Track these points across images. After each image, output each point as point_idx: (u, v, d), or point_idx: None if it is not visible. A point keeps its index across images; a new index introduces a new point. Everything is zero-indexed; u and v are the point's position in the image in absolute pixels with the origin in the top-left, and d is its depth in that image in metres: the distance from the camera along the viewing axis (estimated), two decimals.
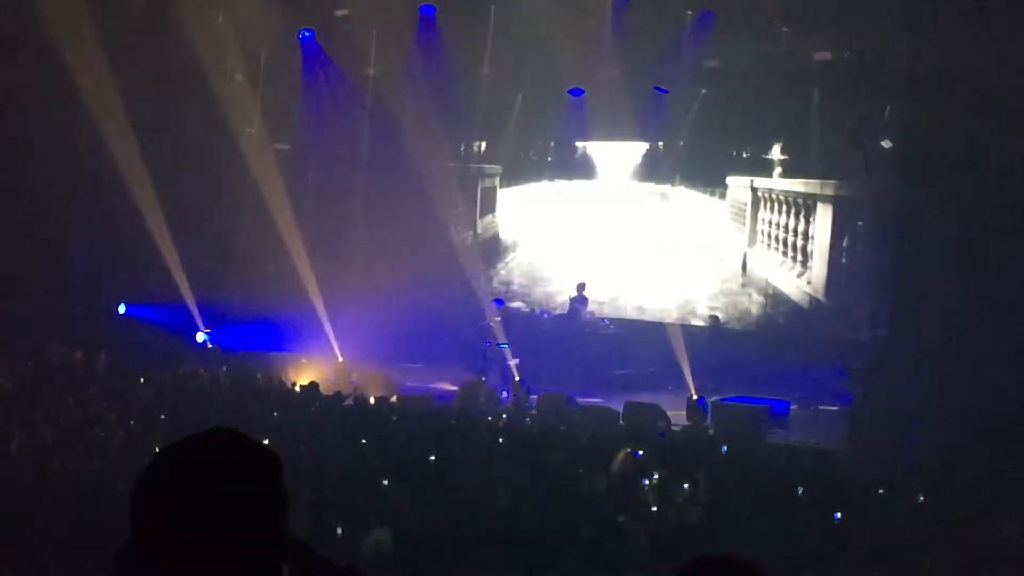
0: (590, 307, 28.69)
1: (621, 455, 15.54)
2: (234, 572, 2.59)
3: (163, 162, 27.87)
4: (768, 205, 28.68)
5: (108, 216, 28.20)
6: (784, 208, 28.29)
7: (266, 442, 2.82)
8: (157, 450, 2.73)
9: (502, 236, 32.16)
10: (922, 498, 14.64)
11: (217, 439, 2.73)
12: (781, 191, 28.42)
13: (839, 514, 13.13)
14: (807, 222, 27.90)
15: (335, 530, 11.19)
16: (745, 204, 29.06)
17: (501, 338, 27.01)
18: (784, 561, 11.33)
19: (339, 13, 30.46)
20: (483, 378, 24.89)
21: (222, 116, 29.34)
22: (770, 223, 28.59)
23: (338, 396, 21.37)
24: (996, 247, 19.25)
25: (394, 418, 19.21)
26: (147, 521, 2.62)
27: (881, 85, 23.69)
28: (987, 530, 12.93)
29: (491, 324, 27.11)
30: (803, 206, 28.03)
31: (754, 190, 28.95)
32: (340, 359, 27.44)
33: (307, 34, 31.03)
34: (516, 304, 29.08)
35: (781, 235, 28.28)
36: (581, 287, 28.60)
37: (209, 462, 2.66)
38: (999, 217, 19.25)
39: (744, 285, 29.09)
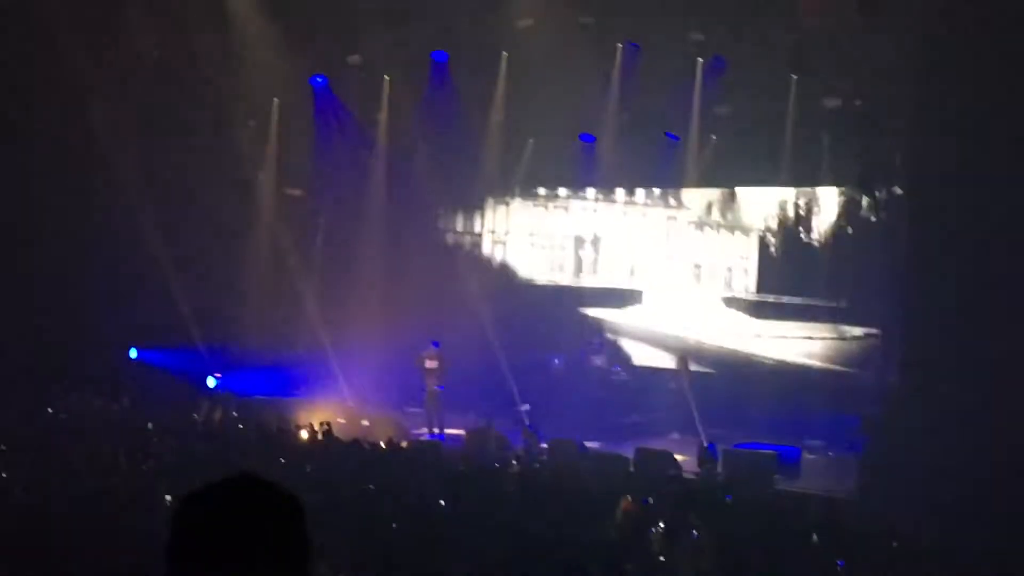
0: (602, 353, 28.59)
1: (624, 503, 15.52)
2: None
3: (175, 207, 28.00)
4: (778, 251, 28.66)
5: (119, 262, 28.28)
6: (796, 254, 28.26)
7: None
8: (184, 495, 2.79)
9: (514, 279, 32.09)
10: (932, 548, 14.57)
11: (242, 484, 2.80)
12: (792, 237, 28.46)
13: (843, 562, 13.08)
14: (817, 266, 27.83)
15: None
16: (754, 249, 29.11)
17: (438, 381, 26.99)
18: None
19: (351, 60, 30.58)
20: (492, 423, 24.80)
21: (234, 162, 29.49)
22: (781, 268, 28.55)
23: (355, 443, 21.36)
24: (1011, 290, 19.20)
25: (395, 466, 19.20)
26: (176, 563, 2.69)
27: (891, 132, 23.72)
28: None
29: (427, 367, 27.09)
30: (815, 251, 27.99)
31: (762, 238, 29.03)
32: (350, 404, 27.43)
33: (319, 80, 31.20)
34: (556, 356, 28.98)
35: (790, 280, 28.23)
36: (595, 331, 28.58)
37: (236, 507, 2.74)
38: (1014, 261, 19.20)
39: (754, 330, 28.99)
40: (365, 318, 29.74)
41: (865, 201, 24.18)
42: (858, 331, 27.39)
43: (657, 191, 30.51)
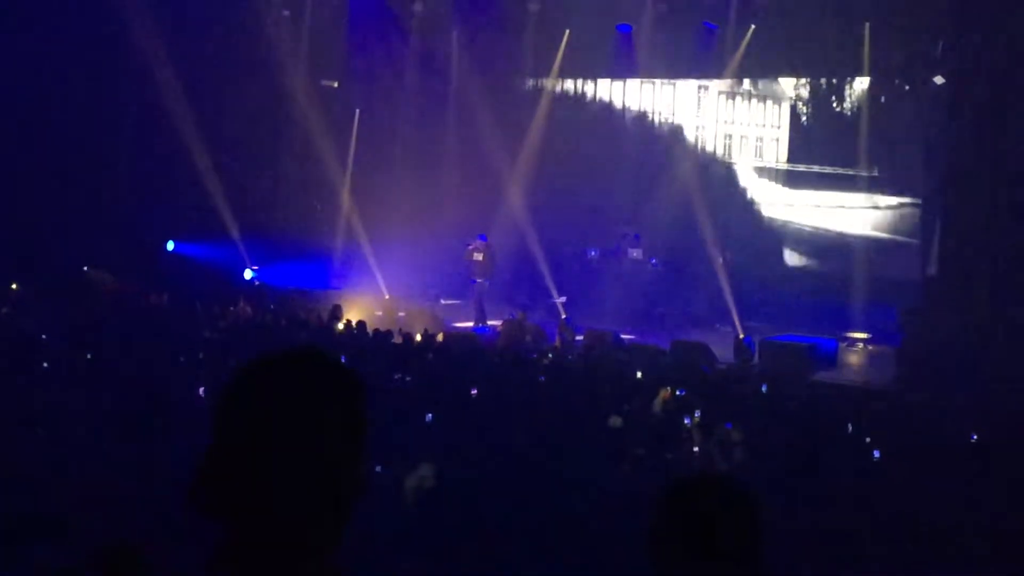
0: (638, 245, 28.46)
1: (663, 393, 15.50)
2: (312, 487, 2.60)
3: (210, 99, 27.88)
4: (810, 120, 28.51)
5: (156, 154, 28.23)
6: (828, 124, 28.12)
7: None
8: (251, 360, 2.71)
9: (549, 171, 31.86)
10: (975, 437, 14.46)
11: (308, 355, 2.73)
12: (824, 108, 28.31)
13: (879, 452, 13.01)
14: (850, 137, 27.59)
15: (374, 468, 11.19)
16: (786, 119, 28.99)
17: (485, 274, 26.84)
18: (827, 499, 11.26)
19: None
20: (526, 315, 24.81)
21: (269, 52, 29.29)
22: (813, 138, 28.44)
23: (387, 334, 21.39)
24: None
25: (430, 356, 19.16)
26: (229, 428, 2.63)
27: (933, 20, 23.31)
28: None
29: (475, 259, 26.96)
30: (848, 121, 27.77)
31: (793, 107, 28.90)
32: (386, 296, 27.49)
33: None
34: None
35: (822, 149, 28.12)
36: (629, 223, 28.47)
37: (302, 376, 2.67)
38: None
39: (787, 199, 28.80)
40: (401, 210, 29.71)
41: (904, 88, 23.78)
42: (894, 200, 27.17)
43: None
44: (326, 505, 2.62)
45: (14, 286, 23.72)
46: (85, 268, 26.32)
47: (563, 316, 25.42)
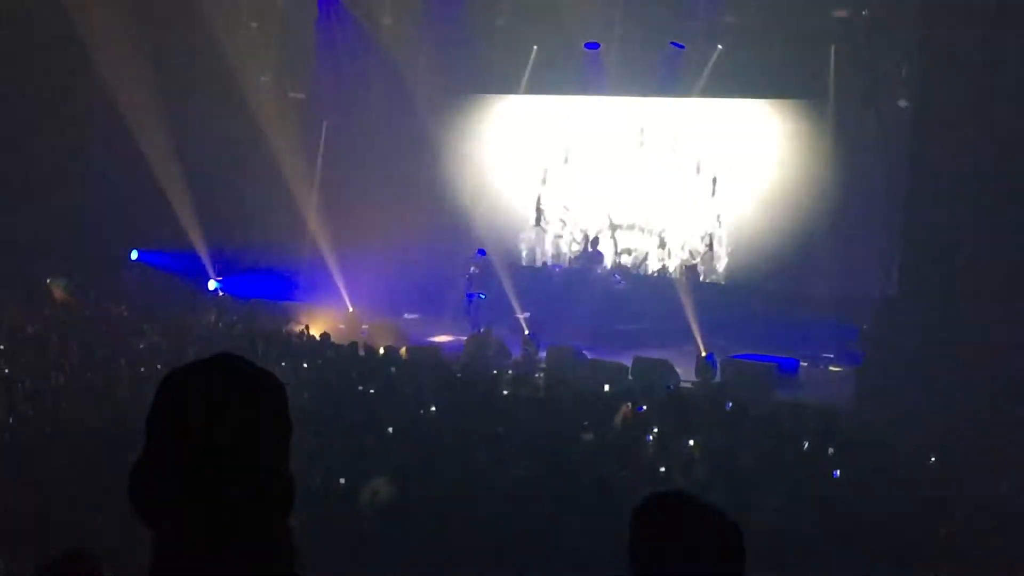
0: (604, 261, 28.50)
1: (623, 409, 15.54)
2: (239, 493, 2.64)
3: (177, 109, 27.83)
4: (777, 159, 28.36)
5: (122, 163, 28.16)
6: (793, 162, 28.01)
7: None
8: (167, 372, 2.78)
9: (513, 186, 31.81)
10: (932, 459, 14.54)
11: (225, 363, 2.79)
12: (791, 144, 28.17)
13: (838, 472, 13.09)
14: (817, 177, 27.53)
15: (338, 480, 11.19)
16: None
17: (478, 288, 26.99)
18: (788, 519, 11.32)
19: None
20: (491, 330, 24.85)
21: (237, 64, 29.25)
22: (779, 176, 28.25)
23: (352, 346, 21.37)
24: (1009, 204, 19.17)
25: (393, 369, 19.15)
26: (156, 440, 2.69)
27: (898, 44, 23.48)
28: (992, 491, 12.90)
29: (472, 274, 27.10)
30: (814, 161, 27.68)
31: None
32: (350, 309, 27.46)
33: None
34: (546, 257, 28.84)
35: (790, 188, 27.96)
36: (595, 241, 28.47)
37: (217, 383, 2.73)
38: (1014, 175, 19.14)
39: (754, 239, 28.65)
40: (367, 224, 29.70)
41: (868, 111, 23.87)
42: (858, 242, 26.99)
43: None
44: (253, 506, 2.67)
45: None
46: (48, 280, 26.24)
47: (526, 332, 25.43)
